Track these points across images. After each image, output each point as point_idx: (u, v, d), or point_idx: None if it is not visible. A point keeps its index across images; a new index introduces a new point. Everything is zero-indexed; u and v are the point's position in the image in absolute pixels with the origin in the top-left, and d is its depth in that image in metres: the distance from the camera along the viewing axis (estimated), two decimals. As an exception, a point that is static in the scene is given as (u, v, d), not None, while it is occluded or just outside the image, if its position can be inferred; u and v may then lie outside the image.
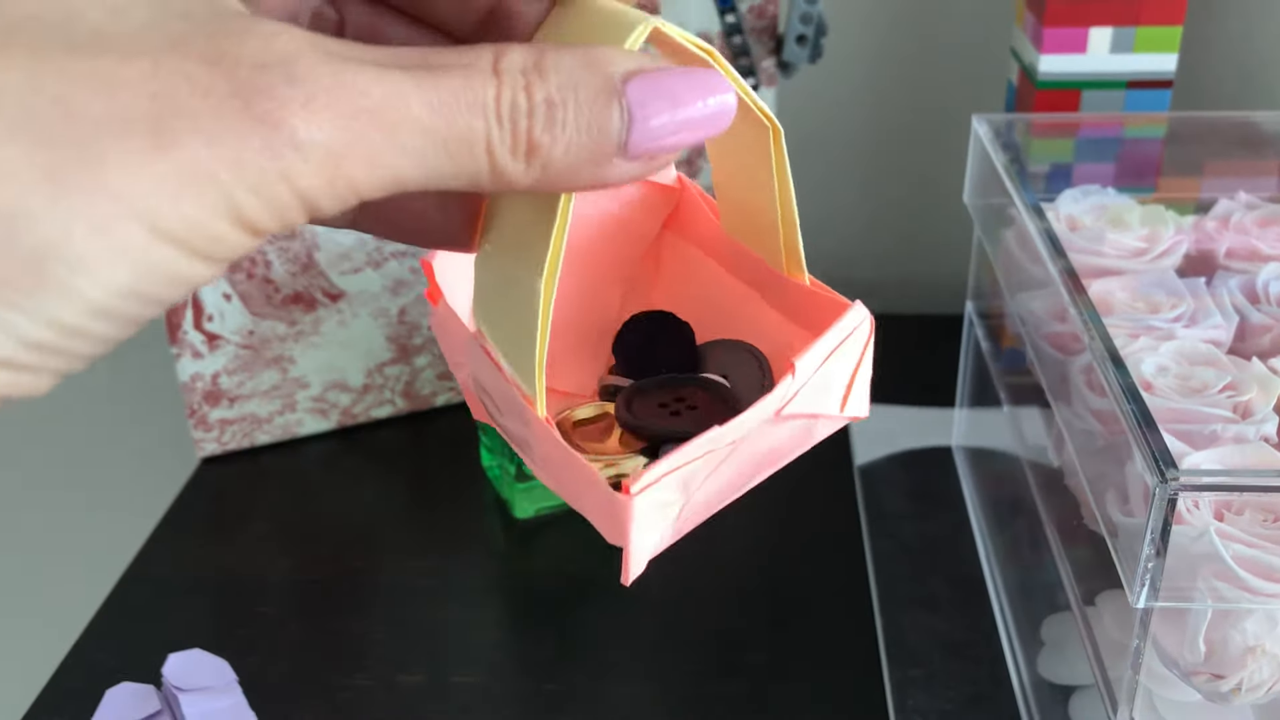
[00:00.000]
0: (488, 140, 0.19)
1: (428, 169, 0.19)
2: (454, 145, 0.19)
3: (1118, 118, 0.64)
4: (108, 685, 0.49)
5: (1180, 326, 0.46)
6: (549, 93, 0.20)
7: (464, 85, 0.19)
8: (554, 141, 0.20)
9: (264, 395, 0.67)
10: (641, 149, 0.20)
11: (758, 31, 0.66)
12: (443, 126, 0.19)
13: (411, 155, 0.19)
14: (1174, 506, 0.33)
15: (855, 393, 0.28)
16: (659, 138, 0.20)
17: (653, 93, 0.20)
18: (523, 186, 0.20)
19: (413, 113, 0.19)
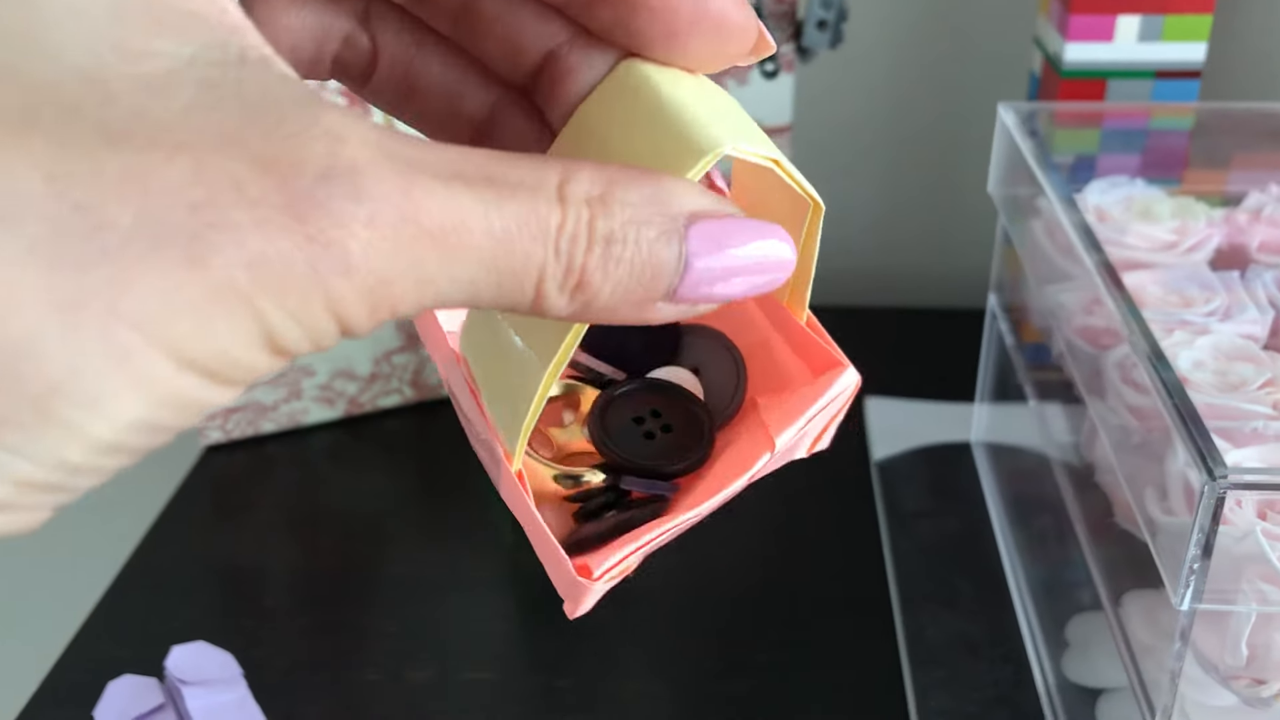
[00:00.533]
0: (541, 272, 0.18)
1: (473, 295, 0.18)
2: (507, 276, 0.18)
3: (1144, 108, 0.63)
4: (110, 677, 0.48)
5: (1215, 321, 0.45)
6: (612, 229, 0.18)
7: (530, 212, 0.18)
8: (605, 279, 0.18)
9: (269, 383, 0.66)
10: (690, 297, 0.19)
11: (777, 16, 0.65)
12: (502, 257, 0.17)
13: (461, 283, 0.17)
14: (1222, 506, 0.31)
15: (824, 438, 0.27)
16: (710, 286, 0.19)
17: (715, 244, 0.19)
18: (558, 316, 0.19)
19: (474, 240, 0.17)
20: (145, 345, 0.15)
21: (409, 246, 0.16)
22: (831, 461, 0.68)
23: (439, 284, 0.17)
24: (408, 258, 0.17)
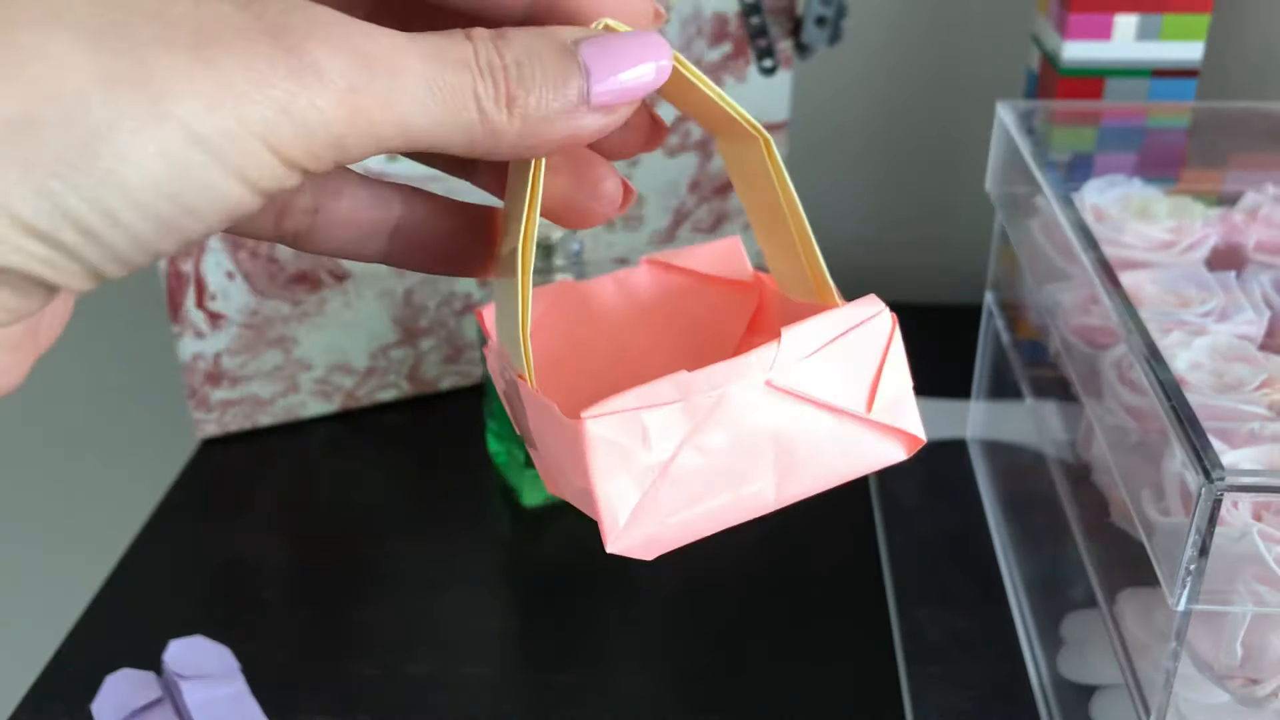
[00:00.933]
0: (475, 91, 0.22)
1: (430, 118, 0.22)
2: (448, 94, 0.22)
3: (1141, 107, 0.63)
4: (107, 671, 0.48)
5: (1212, 321, 0.45)
6: (516, 54, 0.23)
7: (447, 44, 0.22)
8: (528, 94, 0.23)
9: (266, 376, 0.66)
10: (602, 99, 0.23)
11: (776, 12, 0.65)
12: (436, 75, 0.22)
13: (415, 103, 0.21)
14: (1219, 508, 0.32)
15: (887, 395, 0.26)
16: (617, 81, 0.23)
17: (602, 51, 0.23)
18: (509, 136, 0.23)
19: (410, 62, 0.21)
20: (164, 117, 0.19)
21: (363, 63, 0.21)
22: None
23: (398, 101, 0.21)
24: (365, 72, 0.21)
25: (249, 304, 0.64)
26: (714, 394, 0.24)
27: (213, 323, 0.64)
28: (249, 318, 0.64)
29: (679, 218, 0.70)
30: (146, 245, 0.20)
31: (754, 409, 0.24)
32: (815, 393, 0.25)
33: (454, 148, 0.23)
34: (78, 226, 0.19)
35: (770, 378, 0.24)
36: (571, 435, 0.23)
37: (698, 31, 0.64)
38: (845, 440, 0.25)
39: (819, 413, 0.25)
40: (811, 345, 0.24)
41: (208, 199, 0.20)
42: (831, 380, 0.25)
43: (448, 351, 0.69)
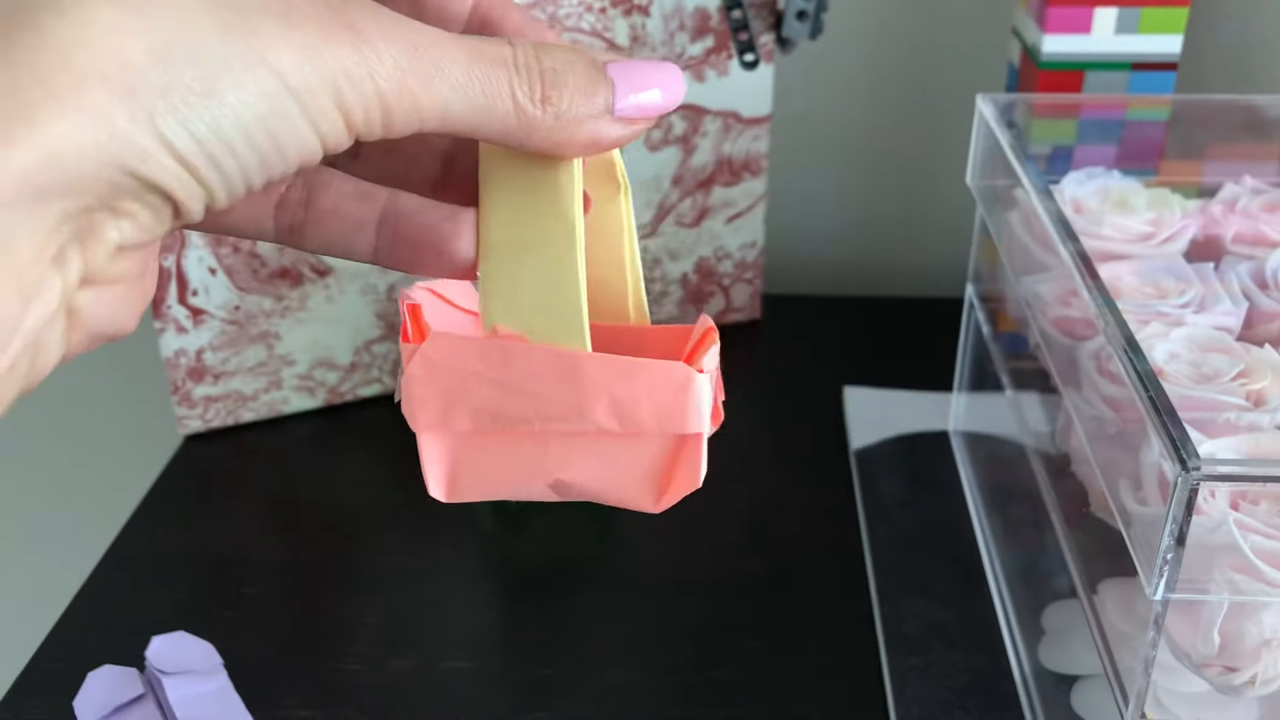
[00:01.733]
0: (511, 84, 0.25)
1: (469, 104, 0.24)
2: (486, 85, 0.25)
3: (1120, 99, 0.63)
4: (90, 667, 0.48)
5: (1190, 313, 0.45)
6: (554, 64, 0.26)
7: (489, 44, 0.25)
8: (560, 94, 0.25)
9: (249, 372, 0.66)
10: (625, 112, 0.26)
11: (757, 6, 0.65)
12: (476, 67, 0.24)
13: (455, 89, 0.24)
14: (1195, 497, 0.32)
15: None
16: (635, 103, 0.26)
17: (627, 70, 0.26)
18: (542, 129, 0.25)
19: (453, 53, 0.24)
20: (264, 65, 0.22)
21: (409, 49, 0.24)
22: (810, 451, 0.68)
23: (439, 84, 0.24)
24: (411, 55, 0.24)
25: (231, 299, 0.64)
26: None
27: (195, 318, 0.63)
28: (231, 313, 0.64)
29: (662, 212, 0.70)
30: (247, 174, 0.23)
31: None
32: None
33: (489, 135, 0.25)
34: (205, 150, 0.22)
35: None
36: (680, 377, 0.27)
37: (679, 26, 0.65)
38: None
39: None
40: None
41: (293, 140, 0.23)
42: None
43: (431, 346, 0.69)
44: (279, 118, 0.23)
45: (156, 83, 0.21)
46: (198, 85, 0.22)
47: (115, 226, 0.22)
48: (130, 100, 0.21)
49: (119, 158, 0.21)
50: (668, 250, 0.71)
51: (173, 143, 0.22)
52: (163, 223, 0.23)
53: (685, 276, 0.72)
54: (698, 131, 0.68)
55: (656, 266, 0.71)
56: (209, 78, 0.22)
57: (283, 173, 0.23)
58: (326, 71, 0.23)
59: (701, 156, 0.69)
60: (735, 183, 0.71)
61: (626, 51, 0.64)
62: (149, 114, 0.21)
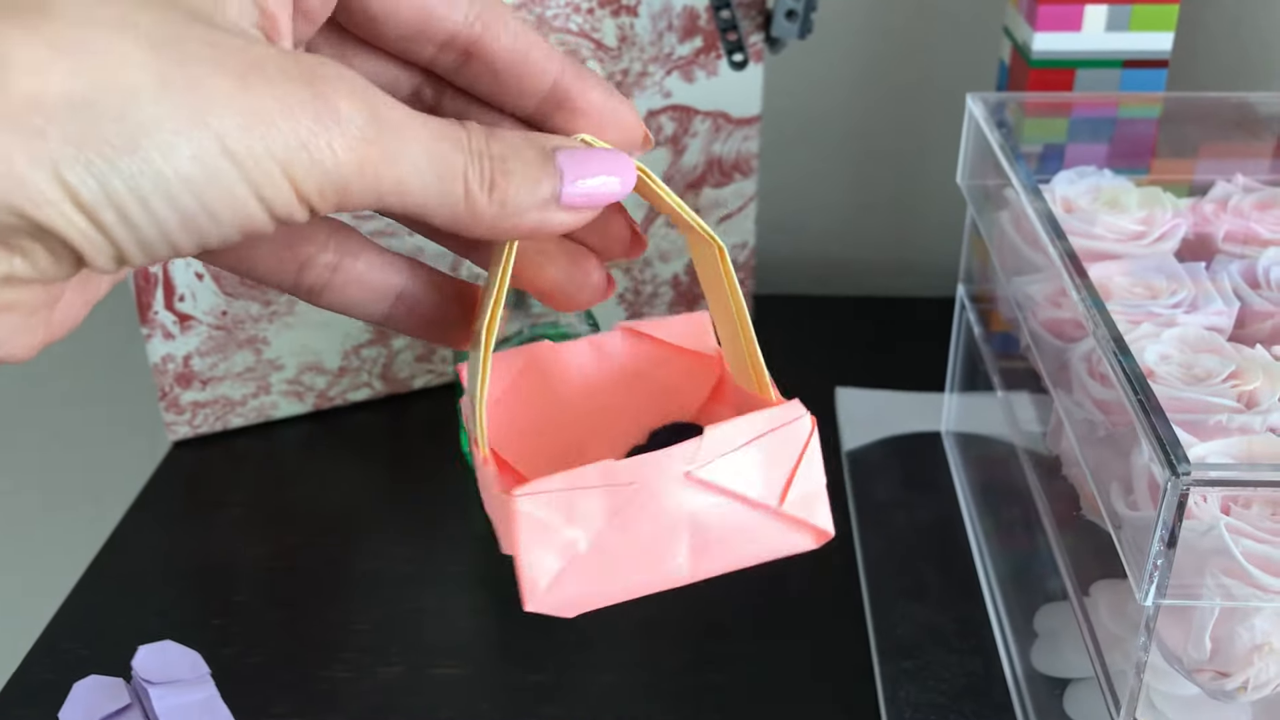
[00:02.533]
0: (464, 172, 0.25)
1: (423, 185, 0.24)
2: (443, 168, 0.24)
3: (1112, 97, 0.63)
4: (76, 677, 0.47)
5: (1181, 313, 0.45)
6: (502, 149, 0.25)
7: (447, 126, 0.25)
8: (508, 183, 0.25)
9: (237, 377, 0.66)
10: (571, 200, 0.26)
11: (746, 6, 0.65)
12: (436, 151, 0.24)
13: (415, 170, 0.24)
14: (1185, 501, 0.32)
15: (799, 491, 0.28)
16: (585, 186, 0.26)
17: (575, 160, 0.26)
18: (487, 218, 0.25)
19: (419, 134, 0.24)
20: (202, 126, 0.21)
21: (375, 122, 0.23)
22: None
23: (401, 162, 0.24)
24: (376, 130, 0.23)
25: (218, 304, 0.63)
26: (635, 483, 0.26)
27: (182, 324, 0.63)
28: (218, 318, 0.64)
29: (653, 213, 0.69)
30: (169, 237, 0.22)
31: (671, 497, 0.27)
32: (731, 485, 0.27)
33: (437, 218, 0.25)
34: (115, 205, 0.21)
35: (689, 470, 0.26)
36: (503, 507, 0.26)
37: (668, 25, 0.64)
38: (757, 529, 0.28)
39: (733, 503, 0.27)
40: (732, 443, 0.27)
41: (228, 207, 0.22)
42: (747, 475, 0.27)
43: (420, 350, 0.69)
44: (213, 182, 0.22)
45: (73, 130, 0.20)
46: (119, 139, 0.21)
47: (5, 259, 0.22)
48: (35, 143, 0.20)
49: (9, 198, 0.20)
50: (658, 252, 0.71)
51: (78, 192, 0.21)
52: (63, 268, 0.22)
53: (676, 278, 0.72)
54: (687, 132, 0.68)
55: (647, 268, 0.71)
56: (134, 133, 0.21)
57: (221, 239, 0.23)
58: (277, 139, 0.22)
59: (691, 157, 0.68)
60: (726, 183, 0.70)
61: (614, 52, 0.64)
62: (54, 160, 0.20)
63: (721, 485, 0.27)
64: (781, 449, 0.27)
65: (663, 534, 0.27)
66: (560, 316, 0.59)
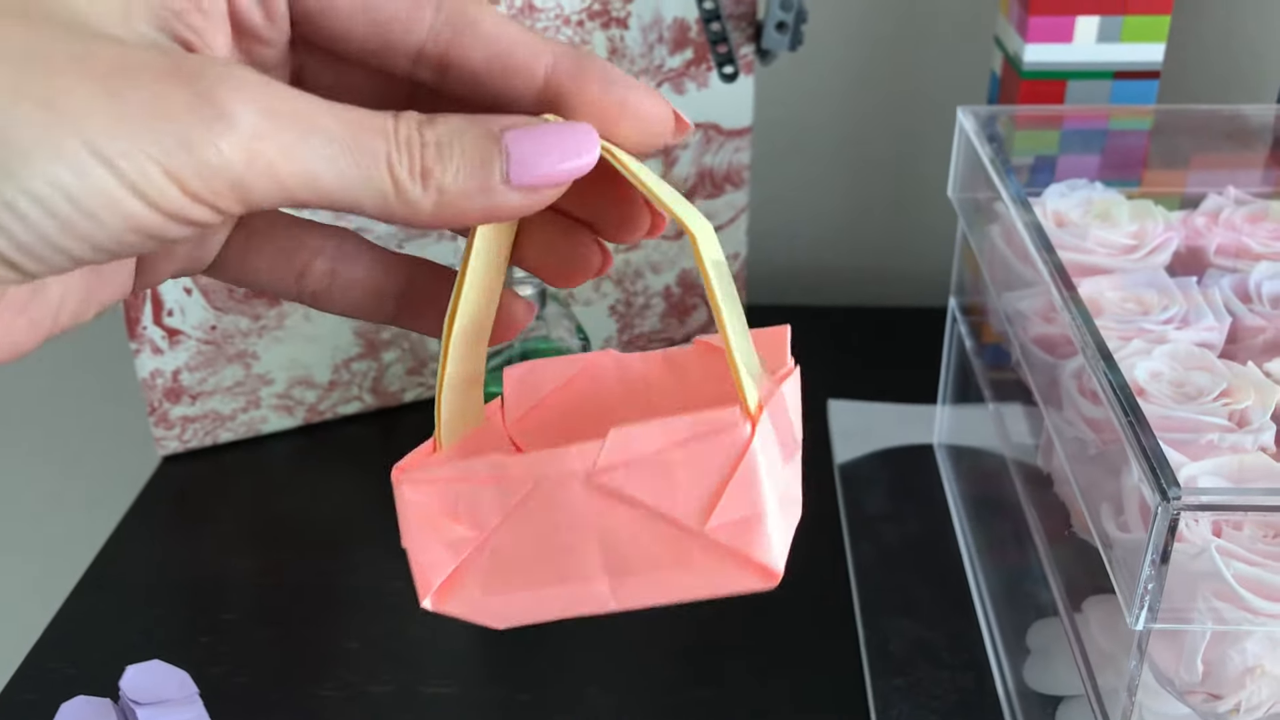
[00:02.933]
0: (388, 158, 0.23)
1: (339, 174, 0.23)
2: (359, 155, 0.23)
3: (1103, 110, 0.63)
4: (63, 698, 0.47)
5: (1173, 328, 0.45)
6: (440, 134, 0.24)
7: (369, 115, 0.24)
8: (444, 170, 0.24)
9: (227, 392, 0.65)
10: (522, 180, 0.25)
11: (736, 18, 0.65)
12: (349, 138, 0.23)
13: (323, 160, 0.23)
14: (1176, 527, 0.31)
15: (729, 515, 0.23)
16: (536, 167, 0.25)
17: (527, 138, 0.25)
18: (425, 207, 0.24)
19: (323, 122, 0.23)
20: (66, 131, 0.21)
21: (270, 116, 0.22)
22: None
23: (302, 154, 0.23)
24: (270, 123, 0.22)
25: (207, 319, 0.63)
26: (529, 482, 0.24)
27: (170, 339, 0.63)
28: (208, 333, 0.63)
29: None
30: (54, 242, 0.22)
31: (573, 502, 0.24)
32: (643, 497, 0.23)
33: (369, 209, 0.24)
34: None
35: (592, 475, 0.23)
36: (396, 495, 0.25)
37: (658, 38, 0.64)
38: (685, 555, 0.24)
39: (650, 520, 0.23)
40: (643, 447, 0.23)
41: (106, 208, 0.22)
42: (662, 488, 0.23)
43: (411, 364, 0.68)
44: (86, 186, 0.21)
45: None
46: None
47: None
48: None
49: None
50: (649, 263, 0.70)
51: None
52: None
53: (668, 289, 0.71)
54: (678, 144, 0.67)
55: (639, 279, 0.71)
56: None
57: (117, 242, 0.22)
58: (149, 140, 0.21)
59: (683, 169, 0.68)
60: (717, 195, 0.70)
61: (605, 65, 0.64)
62: None
63: (631, 496, 0.23)
64: (707, 462, 0.23)
65: (568, 545, 0.24)
66: (551, 330, 0.58)
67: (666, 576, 0.24)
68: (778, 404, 0.25)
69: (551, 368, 0.30)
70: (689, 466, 0.23)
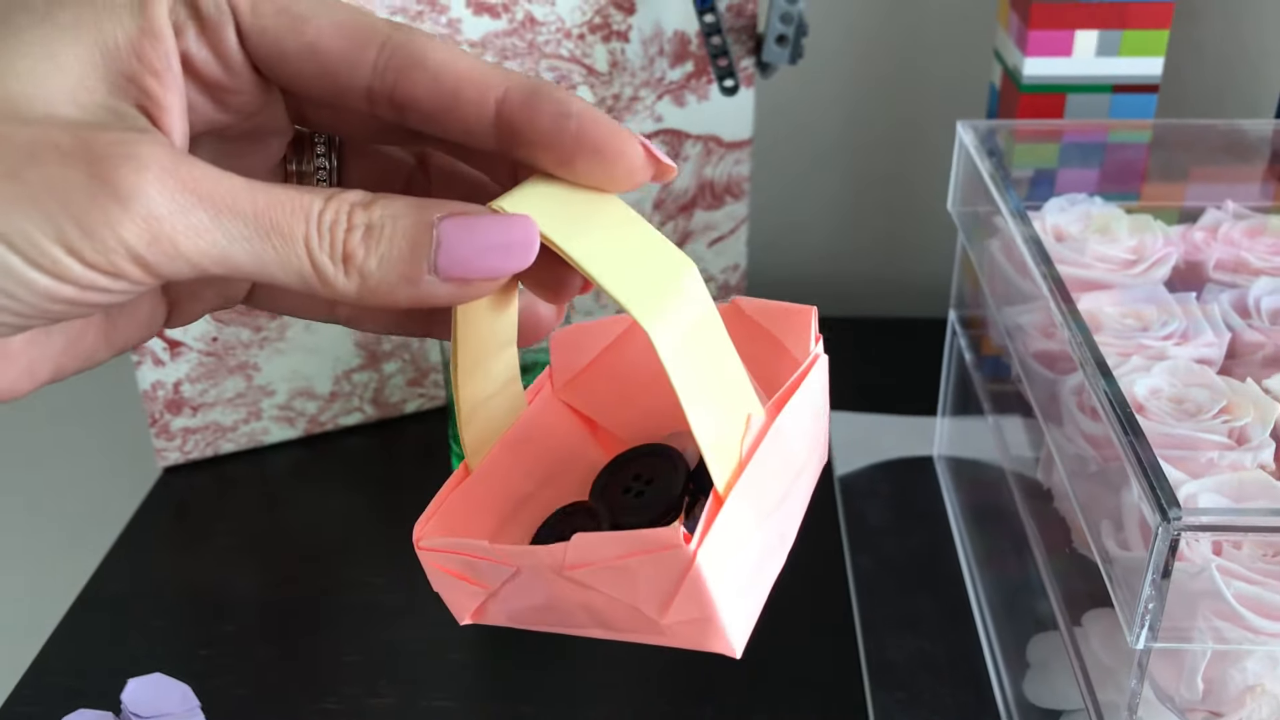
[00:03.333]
0: (306, 241, 0.24)
1: (254, 255, 0.23)
2: (276, 238, 0.23)
3: (1103, 124, 0.63)
4: (65, 712, 0.47)
5: (1172, 344, 0.45)
6: (370, 219, 0.24)
7: (294, 195, 0.24)
8: (368, 254, 0.24)
9: (228, 403, 0.65)
10: (451, 273, 0.24)
11: (737, 31, 0.65)
12: (266, 220, 0.23)
13: (236, 240, 0.23)
14: (1176, 547, 0.32)
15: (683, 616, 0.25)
16: (467, 260, 0.24)
17: (461, 228, 0.24)
18: (350, 291, 0.24)
19: (239, 203, 0.23)
20: None
21: (177, 195, 0.23)
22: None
23: (214, 235, 0.23)
24: (176, 204, 0.23)
25: (209, 331, 0.63)
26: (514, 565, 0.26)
27: (172, 350, 0.63)
28: (209, 345, 0.63)
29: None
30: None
31: (553, 585, 0.25)
32: (608, 591, 0.25)
33: (294, 288, 0.24)
34: None
35: (561, 571, 0.25)
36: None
37: (659, 51, 0.64)
38: (654, 628, 0.25)
39: (621, 604, 0.25)
40: (603, 554, 0.24)
41: (14, 281, 0.23)
42: (625, 585, 0.24)
43: (412, 375, 0.68)
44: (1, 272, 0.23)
45: None
46: None
47: None
48: None
49: None
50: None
51: None
52: None
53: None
54: (679, 155, 0.68)
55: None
56: None
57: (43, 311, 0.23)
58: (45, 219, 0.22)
59: (683, 180, 0.68)
60: (717, 206, 0.70)
61: (605, 78, 0.64)
62: None
63: (597, 589, 0.25)
64: (655, 572, 0.24)
65: (560, 610, 0.26)
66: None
67: (646, 638, 0.26)
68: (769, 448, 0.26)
69: (598, 329, 0.31)
70: (644, 572, 0.24)
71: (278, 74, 0.26)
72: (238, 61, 0.26)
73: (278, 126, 0.28)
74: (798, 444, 0.27)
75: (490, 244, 0.24)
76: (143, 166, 0.23)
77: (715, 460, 0.25)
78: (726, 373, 0.26)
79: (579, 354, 0.31)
